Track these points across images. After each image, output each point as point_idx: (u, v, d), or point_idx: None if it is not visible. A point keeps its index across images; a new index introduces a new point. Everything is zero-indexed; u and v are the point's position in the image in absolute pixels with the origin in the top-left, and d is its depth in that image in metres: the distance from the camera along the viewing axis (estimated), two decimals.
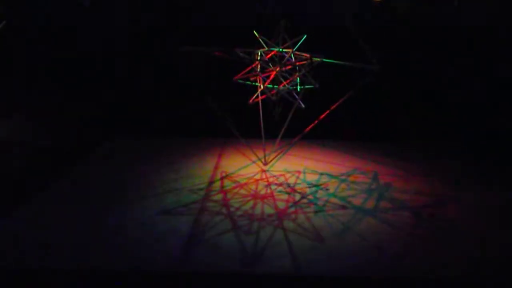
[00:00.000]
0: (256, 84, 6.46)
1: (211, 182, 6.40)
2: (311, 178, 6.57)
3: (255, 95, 6.37)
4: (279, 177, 6.59)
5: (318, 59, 6.13)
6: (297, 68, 6.28)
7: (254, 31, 6.44)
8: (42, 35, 9.13)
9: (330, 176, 6.63)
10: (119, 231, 5.07)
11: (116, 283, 4.30)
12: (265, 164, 6.73)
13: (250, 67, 6.28)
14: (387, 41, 8.43)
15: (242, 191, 6.12)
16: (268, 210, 5.62)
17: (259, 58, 6.30)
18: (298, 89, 6.34)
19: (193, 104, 8.08)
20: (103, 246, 4.76)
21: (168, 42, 7.82)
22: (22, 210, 5.53)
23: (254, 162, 7.00)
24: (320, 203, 5.81)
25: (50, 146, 7.67)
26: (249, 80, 6.49)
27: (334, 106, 6.48)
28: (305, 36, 6.24)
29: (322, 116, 6.59)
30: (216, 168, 6.91)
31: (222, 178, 6.51)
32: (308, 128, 6.67)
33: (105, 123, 8.57)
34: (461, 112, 8.46)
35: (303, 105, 6.19)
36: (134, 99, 8.95)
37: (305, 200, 5.90)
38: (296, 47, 6.28)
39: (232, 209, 5.62)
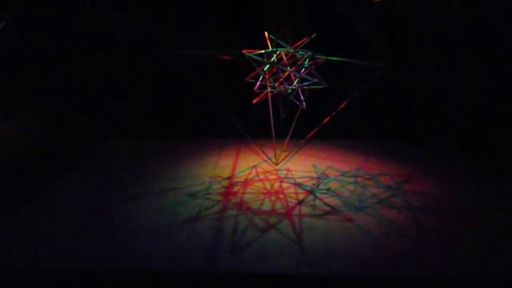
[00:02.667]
0: (266, 83, 6.47)
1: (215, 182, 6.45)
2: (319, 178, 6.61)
3: (262, 94, 6.42)
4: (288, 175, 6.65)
5: (323, 57, 6.19)
6: (305, 67, 6.30)
7: (265, 32, 6.43)
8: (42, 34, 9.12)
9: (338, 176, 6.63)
10: (119, 231, 5.07)
11: None
12: (276, 164, 6.82)
13: (262, 67, 6.29)
14: (387, 41, 8.42)
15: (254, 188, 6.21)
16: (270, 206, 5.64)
17: (273, 58, 6.32)
18: (291, 89, 6.34)
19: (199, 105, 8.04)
20: (103, 246, 4.77)
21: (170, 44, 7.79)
22: (22, 210, 5.54)
23: (265, 161, 7.04)
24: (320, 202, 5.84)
25: (50, 146, 7.67)
26: (261, 80, 6.48)
27: (341, 106, 6.49)
28: (314, 35, 6.27)
29: (328, 118, 6.61)
30: (234, 167, 6.94)
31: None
32: (315, 129, 6.71)
33: (105, 123, 8.57)
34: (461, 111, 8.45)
35: (304, 106, 6.24)
36: (135, 99, 8.95)
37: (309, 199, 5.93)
38: (302, 45, 6.31)
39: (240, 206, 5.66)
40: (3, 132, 8.28)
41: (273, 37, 6.33)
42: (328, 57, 6.19)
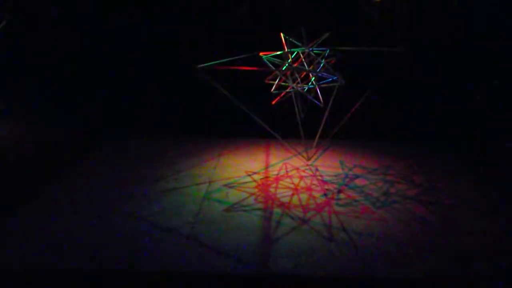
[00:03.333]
0: (284, 84, 6.53)
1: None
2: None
3: (281, 95, 6.49)
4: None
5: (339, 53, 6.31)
6: (321, 64, 6.33)
7: (281, 34, 6.43)
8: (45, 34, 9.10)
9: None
10: (119, 231, 5.08)
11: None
12: (308, 159, 6.97)
13: (280, 68, 6.33)
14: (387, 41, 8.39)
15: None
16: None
17: (289, 59, 6.33)
18: (307, 88, 6.36)
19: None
20: (103, 246, 4.78)
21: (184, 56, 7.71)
22: (23, 211, 5.54)
23: (295, 155, 7.19)
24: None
25: (50, 146, 7.67)
26: (278, 81, 6.52)
27: (360, 102, 6.58)
28: (327, 34, 6.30)
29: (351, 111, 6.70)
30: (266, 165, 7.03)
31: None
32: (341, 123, 6.80)
33: (105, 123, 8.56)
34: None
35: (321, 102, 6.32)
36: (144, 101, 8.92)
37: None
38: (317, 43, 6.36)
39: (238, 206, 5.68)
40: (3, 132, 8.28)
41: (288, 38, 6.35)
42: (346, 48, 6.27)
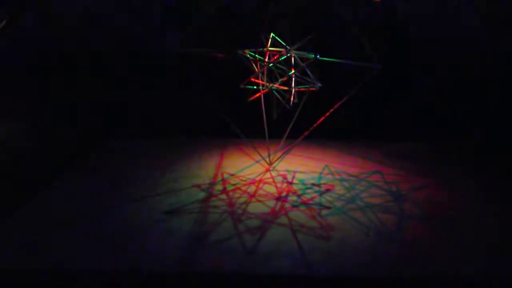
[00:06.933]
0: (260, 83, 6.49)
1: (213, 182, 6.40)
2: (312, 178, 6.58)
3: (260, 93, 6.43)
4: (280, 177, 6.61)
5: (312, 56, 6.13)
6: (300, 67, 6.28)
7: (272, 33, 6.36)
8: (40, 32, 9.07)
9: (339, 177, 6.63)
10: (119, 231, 5.08)
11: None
12: (270, 164, 6.79)
13: (258, 71, 6.31)
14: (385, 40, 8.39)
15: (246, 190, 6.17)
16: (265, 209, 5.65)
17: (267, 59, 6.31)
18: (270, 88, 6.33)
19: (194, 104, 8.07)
20: (103, 246, 4.78)
21: (168, 41, 7.81)
22: (22, 211, 5.53)
23: (258, 161, 7.03)
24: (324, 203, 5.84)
25: (49, 146, 7.66)
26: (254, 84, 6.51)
27: (336, 106, 6.43)
28: (310, 36, 6.20)
29: (324, 117, 6.53)
30: (219, 167, 6.91)
31: (222, 179, 6.51)
32: (311, 128, 6.65)
33: (104, 123, 8.56)
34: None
35: (289, 106, 6.27)
36: (133, 99, 8.91)
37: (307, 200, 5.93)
38: (296, 46, 6.25)
39: (235, 208, 5.65)
40: (1, 132, 8.28)
41: (276, 37, 6.33)
42: (325, 58, 6.11)
